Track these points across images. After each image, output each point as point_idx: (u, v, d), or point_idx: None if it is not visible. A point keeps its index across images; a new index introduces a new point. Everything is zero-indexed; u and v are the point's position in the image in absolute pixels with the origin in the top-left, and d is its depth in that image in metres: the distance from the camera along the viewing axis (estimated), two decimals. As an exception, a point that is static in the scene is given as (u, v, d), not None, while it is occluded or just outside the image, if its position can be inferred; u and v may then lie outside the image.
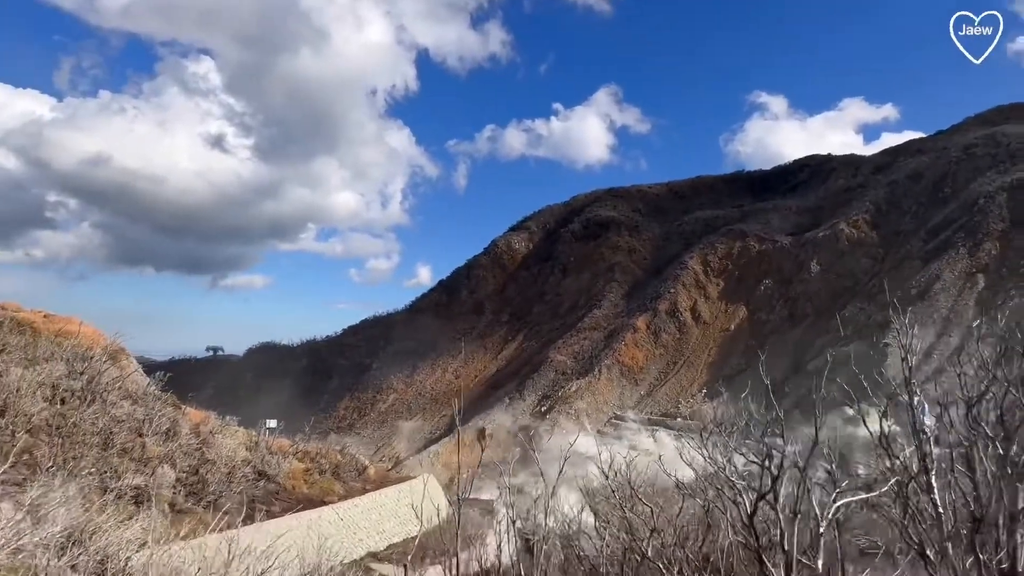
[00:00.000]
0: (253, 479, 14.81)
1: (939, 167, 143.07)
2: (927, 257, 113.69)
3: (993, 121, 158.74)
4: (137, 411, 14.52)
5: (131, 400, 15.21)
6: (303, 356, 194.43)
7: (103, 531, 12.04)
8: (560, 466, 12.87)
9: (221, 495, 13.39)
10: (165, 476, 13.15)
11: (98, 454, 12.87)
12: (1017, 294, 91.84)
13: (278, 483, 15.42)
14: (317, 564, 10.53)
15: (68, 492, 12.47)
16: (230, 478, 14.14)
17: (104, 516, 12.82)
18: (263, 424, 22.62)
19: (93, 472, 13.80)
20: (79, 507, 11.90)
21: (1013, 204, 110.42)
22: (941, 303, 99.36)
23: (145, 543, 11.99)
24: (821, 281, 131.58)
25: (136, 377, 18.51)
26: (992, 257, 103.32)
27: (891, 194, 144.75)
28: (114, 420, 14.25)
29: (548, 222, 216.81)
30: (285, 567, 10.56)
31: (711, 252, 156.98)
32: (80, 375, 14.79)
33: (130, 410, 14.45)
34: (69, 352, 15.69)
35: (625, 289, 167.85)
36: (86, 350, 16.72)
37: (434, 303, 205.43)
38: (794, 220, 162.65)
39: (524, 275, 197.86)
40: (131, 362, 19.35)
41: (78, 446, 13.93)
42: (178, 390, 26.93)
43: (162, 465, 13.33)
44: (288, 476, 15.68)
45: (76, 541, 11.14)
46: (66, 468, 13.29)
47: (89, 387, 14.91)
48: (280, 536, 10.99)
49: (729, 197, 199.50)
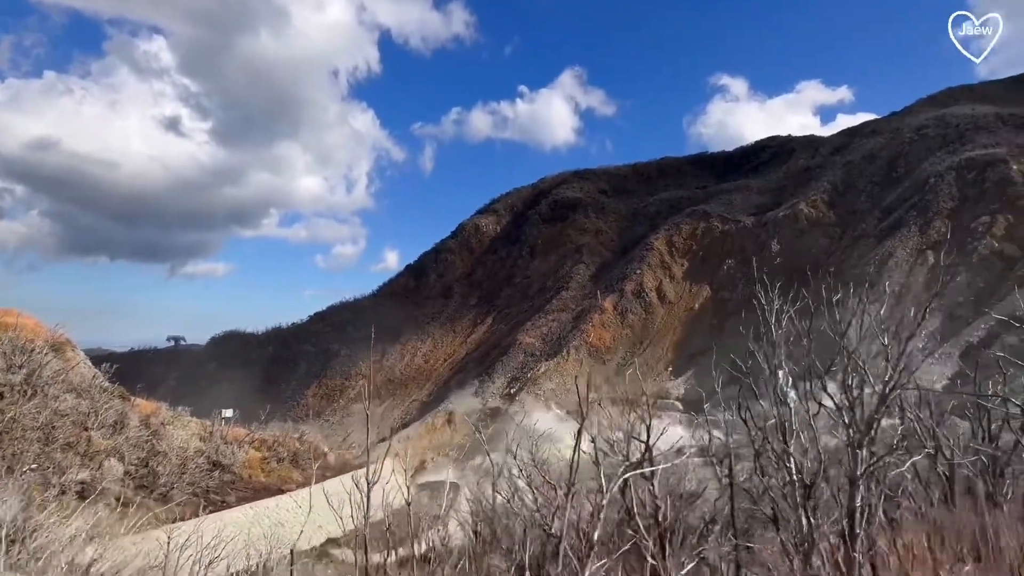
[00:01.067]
0: (207, 469, 14.55)
1: (893, 147, 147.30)
2: (881, 235, 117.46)
3: (943, 103, 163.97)
4: (82, 404, 14.07)
5: (75, 393, 14.72)
6: (268, 344, 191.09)
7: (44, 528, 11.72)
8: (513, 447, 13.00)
9: (172, 487, 13.12)
10: (112, 470, 12.81)
11: (40, 449, 12.48)
12: (964, 269, 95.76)
13: (234, 473, 15.20)
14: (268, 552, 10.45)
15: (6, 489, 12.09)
16: (182, 470, 13.86)
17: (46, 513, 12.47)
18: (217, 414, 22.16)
19: (35, 468, 13.37)
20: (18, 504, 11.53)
21: (961, 183, 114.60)
22: (893, 279, 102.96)
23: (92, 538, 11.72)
24: (781, 260, 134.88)
25: (82, 369, 17.91)
26: (941, 234, 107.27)
27: (847, 174, 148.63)
28: (57, 414, 13.79)
29: (516, 204, 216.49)
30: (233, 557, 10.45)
31: (676, 233, 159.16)
32: (19, 368, 14.24)
33: (74, 403, 14.00)
34: (6, 345, 15.07)
35: (592, 271, 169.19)
36: (26, 343, 16.08)
37: (402, 287, 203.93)
38: (756, 200, 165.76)
39: (492, 258, 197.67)
40: (77, 354, 18.71)
41: (18, 441, 13.46)
42: (139, 382, 26.24)
43: (109, 459, 12.98)
44: (244, 465, 15.45)
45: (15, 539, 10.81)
46: (3, 465, 12.83)
47: (29, 381, 14.38)
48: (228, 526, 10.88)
49: (694, 178, 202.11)
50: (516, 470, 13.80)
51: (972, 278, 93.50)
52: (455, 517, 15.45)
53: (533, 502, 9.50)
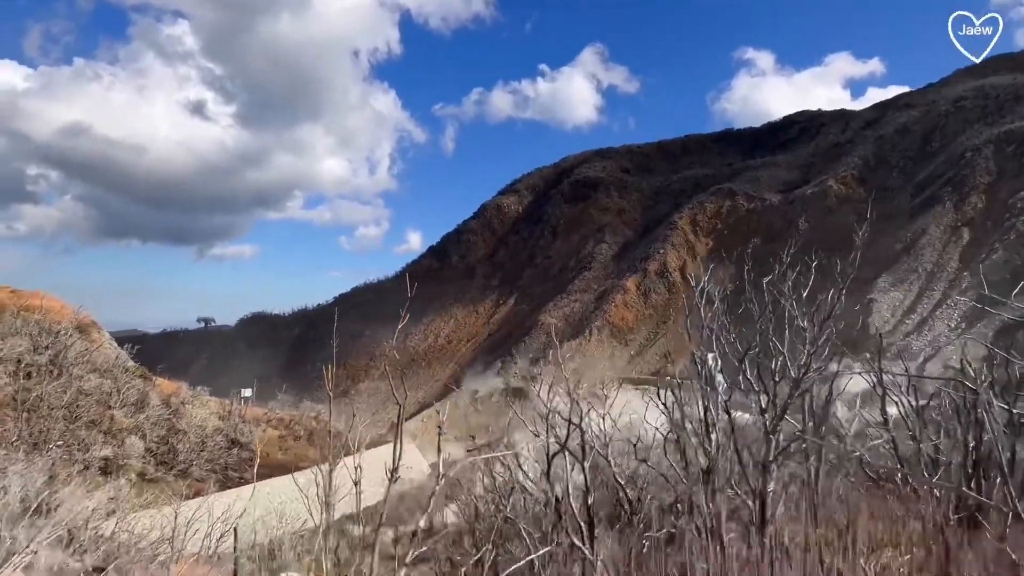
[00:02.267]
0: (225, 447, 15.01)
1: (928, 121, 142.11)
2: (913, 212, 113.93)
3: (982, 73, 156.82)
4: (105, 384, 14.55)
5: (99, 373, 15.22)
6: (295, 325, 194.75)
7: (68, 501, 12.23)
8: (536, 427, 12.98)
9: (192, 464, 13.55)
10: (134, 447, 13.27)
11: (64, 427, 12.98)
12: (1000, 246, 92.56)
13: (252, 450, 15.64)
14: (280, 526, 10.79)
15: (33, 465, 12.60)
16: (201, 447, 14.30)
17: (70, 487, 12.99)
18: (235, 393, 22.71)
19: (60, 444, 13.93)
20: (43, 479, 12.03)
21: (999, 156, 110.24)
22: (926, 258, 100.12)
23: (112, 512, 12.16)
24: (809, 238, 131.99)
25: (107, 350, 18.49)
26: (977, 211, 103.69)
27: (879, 149, 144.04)
28: (81, 393, 14.31)
29: (537, 184, 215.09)
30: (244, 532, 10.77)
31: (700, 212, 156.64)
32: (45, 349, 14.76)
33: (98, 383, 14.48)
34: (33, 327, 15.62)
35: (615, 250, 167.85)
36: (52, 324, 16.64)
37: (425, 269, 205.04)
38: (784, 177, 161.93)
39: (514, 239, 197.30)
40: (102, 335, 19.29)
41: (44, 420, 14.01)
42: (170, 362, 26.70)
43: (130, 436, 13.43)
44: (262, 443, 15.88)
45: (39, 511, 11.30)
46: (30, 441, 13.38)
47: (55, 361, 14.91)
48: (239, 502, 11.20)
49: (719, 155, 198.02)
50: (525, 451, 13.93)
51: (1009, 255, 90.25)
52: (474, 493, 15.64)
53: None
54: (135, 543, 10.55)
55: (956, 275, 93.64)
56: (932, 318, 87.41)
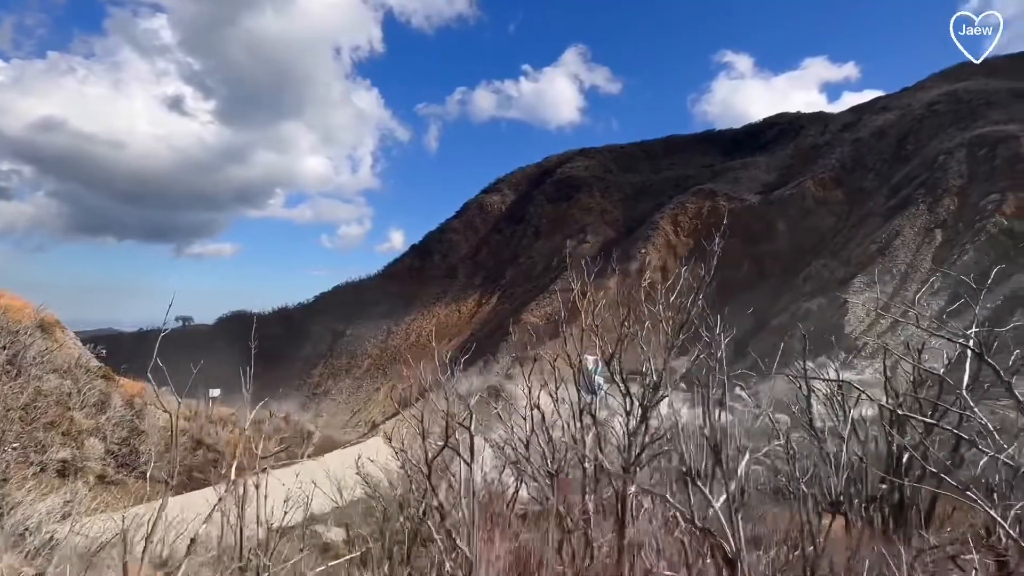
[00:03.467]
0: (190, 449, 14.80)
1: (903, 124, 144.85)
2: (888, 214, 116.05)
3: (956, 78, 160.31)
4: (65, 384, 14.27)
5: (59, 373, 14.92)
6: (276, 324, 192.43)
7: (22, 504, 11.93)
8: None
9: (153, 465, 13.31)
10: (93, 449, 13.02)
11: (20, 429, 12.70)
12: (971, 247, 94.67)
13: (218, 451, 15.44)
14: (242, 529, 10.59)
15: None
16: (164, 448, 14.07)
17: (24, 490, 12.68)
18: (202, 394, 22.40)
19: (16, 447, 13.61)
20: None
21: (971, 160, 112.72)
22: (900, 258, 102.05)
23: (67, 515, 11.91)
24: (787, 239, 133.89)
25: (70, 350, 18.14)
26: (950, 213, 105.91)
27: (856, 152, 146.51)
28: (40, 394, 14.01)
29: (520, 183, 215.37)
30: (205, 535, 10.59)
31: (681, 212, 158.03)
32: (3, 349, 14.42)
33: (57, 383, 14.20)
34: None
35: (596, 250, 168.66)
36: (12, 323, 16.27)
37: (407, 268, 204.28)
38: (763, 179, 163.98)
39: (497, 238, 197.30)
40: (65, 334, 18.92)
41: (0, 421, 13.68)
42: (146, 362, 25.91)
43: (90, 438, 13.18)
44: (228, 444, 15.68)
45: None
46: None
47: (13, 361, 14.57)
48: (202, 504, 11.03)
49: (700, 156, 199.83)
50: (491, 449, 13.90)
51: (980, 256, 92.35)
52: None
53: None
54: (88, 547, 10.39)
55: (928, 276, 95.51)
56: (904, 318, 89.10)
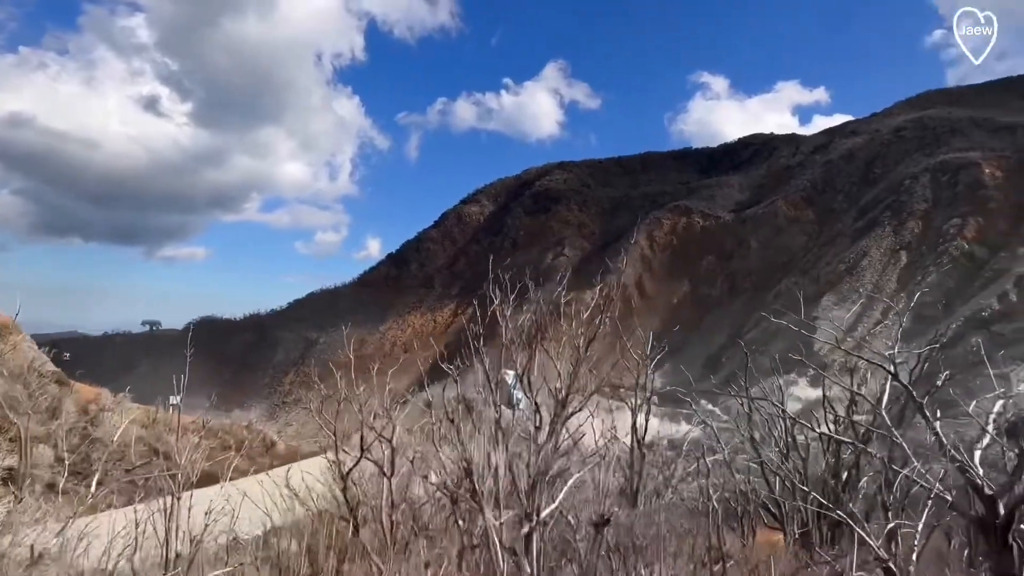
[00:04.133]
0: (146, 457, 14.38)
1: (871, 148, 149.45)
2: (856, 234, 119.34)
3: (921, 106, 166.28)
4: (15, 388, 13.79)
5: (11, 377, 14.42)
6: (247, 330, 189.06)
7: (-37, 514, 11.42)
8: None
9: (107, 474, 12.91)
10: (43, 456, 12.59)
11: (-35, 434, 12.21)
12: (935, 270, 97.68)
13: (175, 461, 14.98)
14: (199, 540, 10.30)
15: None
16: (118, 457, 13.66)
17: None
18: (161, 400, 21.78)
19: (-40, 453, 13.09)
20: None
21: (935, 185, 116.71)
22: (867, 278, 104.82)
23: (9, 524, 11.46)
24: (759, 257, 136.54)
25: (26, 353, 17.54)
26: (914, 235, 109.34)
27: (827, 173, 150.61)
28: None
29: (499, 195, 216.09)
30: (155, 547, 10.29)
31: (657, 227, 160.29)
32: (-49, 352, 13.89)
33: (6, 388, 13.71)
34: (-60, 328, 14.69)
35: (574, 263, 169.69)
36: (-37, 325, 15.70)
37: (383, 276, 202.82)
38: (737, 197, 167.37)
39: (475, 248, 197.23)
40: (21, 336, 18.31)
41: (-55, 427, 13.14)
42: (112, 367, 25.01)
43: (40, 445, 12.74)
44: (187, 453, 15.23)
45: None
46: (-75, 450, 12.53)
47: (-38, 364, 14.03)
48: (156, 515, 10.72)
49: (677, 173, 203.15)
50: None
51: (942, 278, 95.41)
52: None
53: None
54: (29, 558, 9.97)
55: (894, 296, 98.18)
56: (871, 336, 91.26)
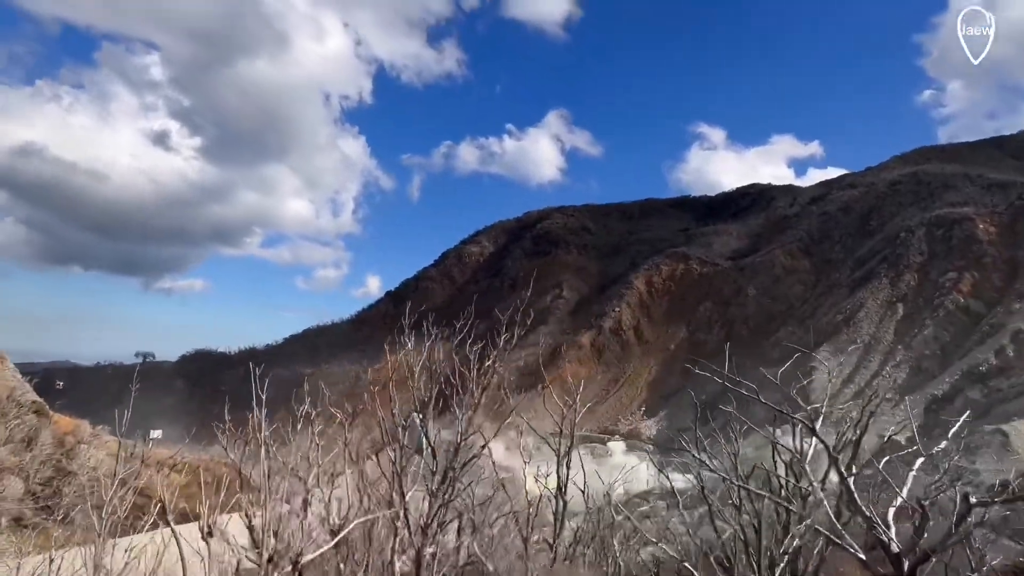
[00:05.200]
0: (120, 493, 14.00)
1: (867, 201, 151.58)
2: (853, 285, 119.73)
3: (915, 161, 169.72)
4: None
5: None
6: (240, 364, 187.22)
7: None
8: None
9: (77, 508, 12.59)
10: (13, 488, 12.28)
11: (-65, 464, 11.96)
12: (931, 323, 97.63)
13: (148, 497, 14.66)
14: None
15: None
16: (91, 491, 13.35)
17: (-73, 531, 11.80)
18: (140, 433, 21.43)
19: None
20: None
21: (931, 239, 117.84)
22: (864, 330, 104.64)
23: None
24: (757, 305, 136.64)
25: (8, 382, 17.34)
26: (911, 288, 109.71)
27: (823, 224, 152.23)
28: (-37, 427, 13.27)
29: (499, 237, 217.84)
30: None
31: (656, 273, 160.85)
32: (-69, 378, 13.73)
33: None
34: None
35: (572, 306, 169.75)
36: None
37: (381, 314, 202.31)
38: (734, 245, 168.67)
39: (473, 289, 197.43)
40: (5, 365, 18.15)
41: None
42: (101, 398, 24.77)
43: (11, 476, 12.45)
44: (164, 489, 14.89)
45: None
46: None
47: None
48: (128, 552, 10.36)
49: (675, 220, 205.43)
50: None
51: (939, 332, 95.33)
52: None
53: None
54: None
55: (891, 348, 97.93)
56: (868, 388, 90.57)
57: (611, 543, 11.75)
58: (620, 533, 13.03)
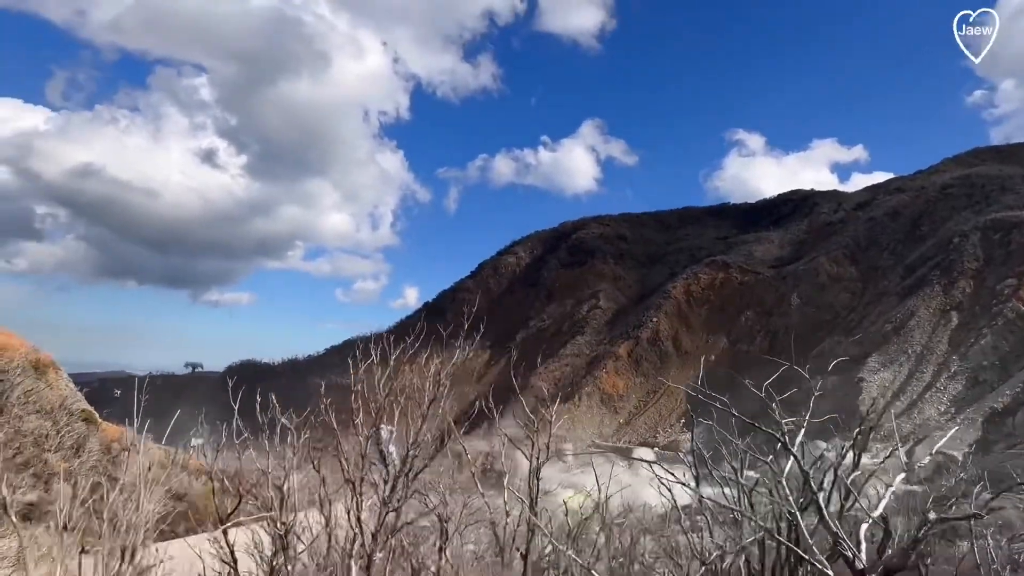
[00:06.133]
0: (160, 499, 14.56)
1: (917, 205, 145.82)
2: (903, 293, 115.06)
3: (969, 163, 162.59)
4: (44, 425, 14.30)
5: (42, 414, 14.99)
6: (283, 375, 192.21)
7: (-23, 548, 11.70)
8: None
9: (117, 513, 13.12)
10: (61, 492, 12.89)
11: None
12: (989, 332, 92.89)
13: (189, 503, 15.19)
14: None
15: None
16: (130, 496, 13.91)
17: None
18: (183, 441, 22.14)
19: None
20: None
21: (986, 243, 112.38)
22: (915, 339, 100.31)
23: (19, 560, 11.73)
24: (801, 314, 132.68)
25: (61, 391, 18.26)
26: (966, 295, 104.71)
27: (870, 230, 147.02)
28: (18, 433, 14.02)
29: (536, 247, 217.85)
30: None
31: (694, 282, 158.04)
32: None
33: (37, 424, 14.24)
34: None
35: (609, 316, 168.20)
36: (7, 362, 16.51)
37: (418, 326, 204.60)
38: (776, 253, 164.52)
39: (510, 299, 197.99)
40: (59, 375, 19.12)
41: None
42: (155, 408, 25.75)
43: (60, 481, 13.08)
44: (201, 496, 15.44)
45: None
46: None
47: None
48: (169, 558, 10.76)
49: (714, 228, 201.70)
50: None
51: (997, 341, 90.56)
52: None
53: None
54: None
55: (945, 358, 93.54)
56: (921, 401, 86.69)
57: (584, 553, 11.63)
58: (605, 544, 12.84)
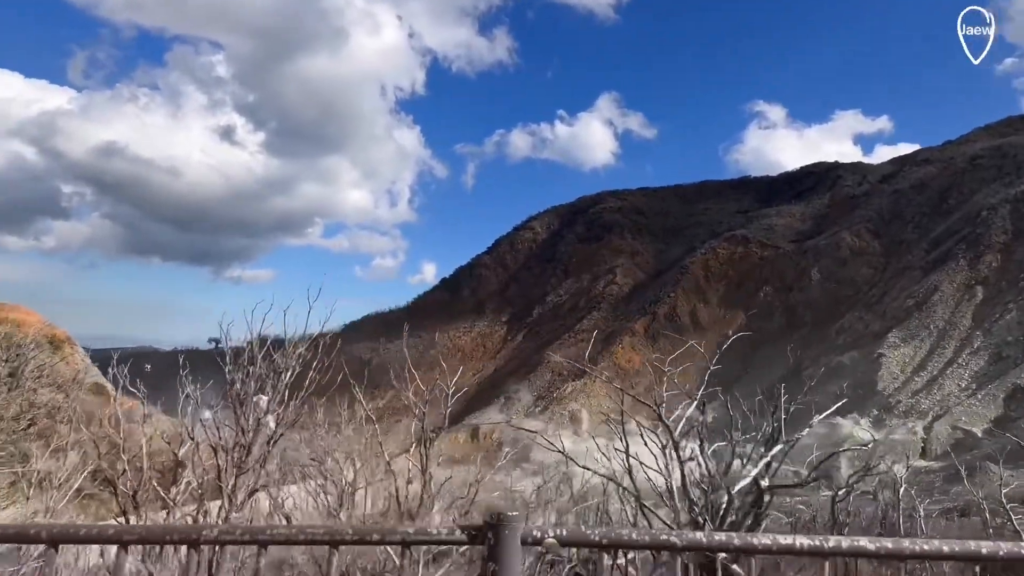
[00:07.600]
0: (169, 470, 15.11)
1: (944, 177, 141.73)
2: (927, 268, 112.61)
3: (1001, 133, 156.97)
4: (57, 398, 14.86)
5: (56, 387, 15.56)
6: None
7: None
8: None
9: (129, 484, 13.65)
10: (72, 462, 13.44)
11: (6, 438, 13.24)
12: (1015, 307, 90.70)
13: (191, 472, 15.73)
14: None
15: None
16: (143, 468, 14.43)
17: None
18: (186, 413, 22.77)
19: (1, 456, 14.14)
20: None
21: (1016, 216, 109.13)
22: (938, 314, 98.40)
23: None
24: (821, 289, 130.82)
25: (76, 365, 18.90)
26: (992, 269, 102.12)
27: (895, 203, 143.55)
28: (32, 406, 14.60)
29: (552, 222, 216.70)
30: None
31: (713, 257, 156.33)
32: (5, 362, 15.15)
33: (50, 397, 14.79)
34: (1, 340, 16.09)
35: (626, 291, 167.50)
36: (20, 338, 17.11)
37: (436, 301, 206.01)
38: (798, 227, 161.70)
39: (526, 275, 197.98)
40: (75, 349, 19.77)
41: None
42: (173, 382, 26.34)
43: (72, 451, 13.62)
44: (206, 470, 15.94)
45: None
46: (-32, 451, 13.61)
47: (14, 374, 15.27)
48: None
49: (734, 202, 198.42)
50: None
51: (1022, 316, 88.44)
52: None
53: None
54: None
55: (968, 334, 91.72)
56: (942, 376, 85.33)
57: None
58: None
